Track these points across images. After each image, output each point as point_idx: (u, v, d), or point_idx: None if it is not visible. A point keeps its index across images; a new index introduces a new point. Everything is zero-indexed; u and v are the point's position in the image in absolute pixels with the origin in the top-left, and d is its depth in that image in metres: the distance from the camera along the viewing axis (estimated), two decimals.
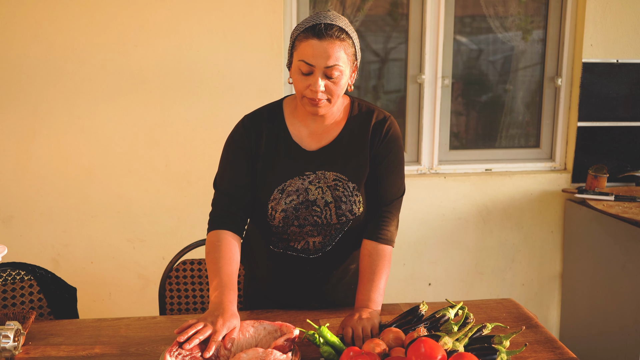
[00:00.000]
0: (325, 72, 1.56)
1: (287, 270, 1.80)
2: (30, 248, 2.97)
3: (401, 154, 1.76)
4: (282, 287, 1.83)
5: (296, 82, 1.60)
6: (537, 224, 3.30)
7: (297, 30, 1.59)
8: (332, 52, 1.54)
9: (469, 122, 3.40)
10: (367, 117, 1.73)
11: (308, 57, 1.55)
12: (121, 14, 2.84)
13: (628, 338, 2.81)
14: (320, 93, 1.58)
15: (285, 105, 1.75)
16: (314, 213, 1.70)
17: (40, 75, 2.84)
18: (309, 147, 1.71)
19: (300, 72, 1.58)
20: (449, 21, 3.15)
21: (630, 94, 3.20)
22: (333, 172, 1.70)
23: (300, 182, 1.69)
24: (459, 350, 1.41)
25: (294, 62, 1.59)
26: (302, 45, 1.56)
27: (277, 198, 1.69)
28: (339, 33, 1.55)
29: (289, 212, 1.69)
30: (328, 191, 1.70)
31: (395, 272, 3.22)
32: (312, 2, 3.09)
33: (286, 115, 1.73)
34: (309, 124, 1.71)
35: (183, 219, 3.03)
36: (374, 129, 1.72)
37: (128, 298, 3.08)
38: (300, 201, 1.69)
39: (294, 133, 1.72)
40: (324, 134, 1.72)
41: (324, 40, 1.54)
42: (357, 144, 1.72)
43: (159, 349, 1.57)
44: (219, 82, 2.94)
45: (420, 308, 1.61)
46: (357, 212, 1.72)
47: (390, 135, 1.73)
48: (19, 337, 1.50)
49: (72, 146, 2.92)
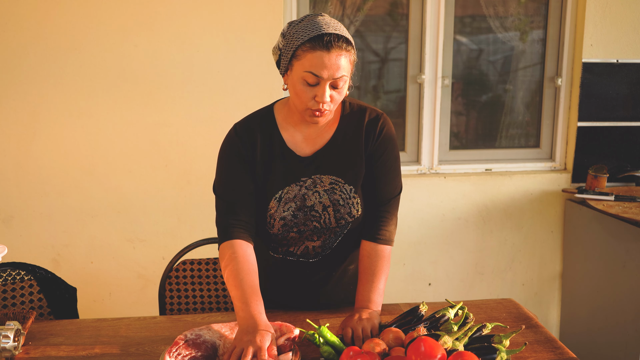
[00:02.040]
0: (331, 83, 1.54)
1: (287, 274, 1.80)
2: (30, 248, 2.97)
3: (396, 151, 1.74)
4: (282, 290, 1.83)
5: (300, 93, 1.56)
6: (537, 224, 3.30)
7: (299, 39, 1.53)
8: (340, 64, 1.53)
9: (469, 122, 3.40)
10: (359, 116, 1.71)
11: (316, 69, 1.51)
12: (121, 14, 2.84)
13: (628, 338, 2.81)
14: (327, 104, 1.56)
15: (276, 111, 1.71)
16: (312, 218, 1.69)
17: (40, 75, 2.84)
18: (303, 153, 1.69)
19: (306, 83, 1.54)
20: (449, 21, 3.15)
21: (630, 94, 3.20)
22: (329, 176, 1.69)
23: (297, 188, 1.68)
24: (459, 349, 1.41)
25: (297, 72, 1.55)
26: (309, 56, 1.52)
27: (274, 206, 1.67)
28: (346, 44, 1.54)
29: (288, 219, 1.68)
30: (325, 195, 1.68)
31: (395, 272, 3.22)
32: (312, 2, 3.09)
33: (279, 121, 1.69)
34: (303, 129, 1.69)
35: (183, 219, 3.03)
36: (367, 128, 1.69)
37: (128, 298, 3.08)
38: (297, 207, 1.68)
39: (288, 139, 1.69)
40: (317, 137, 1.69)
41: (332, 52, 1.51)
42: (351, 144, 1.69)
43: (159, 349, 1.57)
44: (219, 82, 2.94)
45: (420, 308, 1.61)
46: (355, 214, 1.70)
47: (385, 134, 1.70)
48: (19, 337, 1.50)
49: (72, 146, 2.92)
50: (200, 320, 1.74)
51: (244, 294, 1.52)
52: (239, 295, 1.53)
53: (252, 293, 1.53)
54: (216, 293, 2.16)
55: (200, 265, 2.14)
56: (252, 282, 1.56)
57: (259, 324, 1.45)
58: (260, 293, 1.56)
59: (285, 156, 1.68)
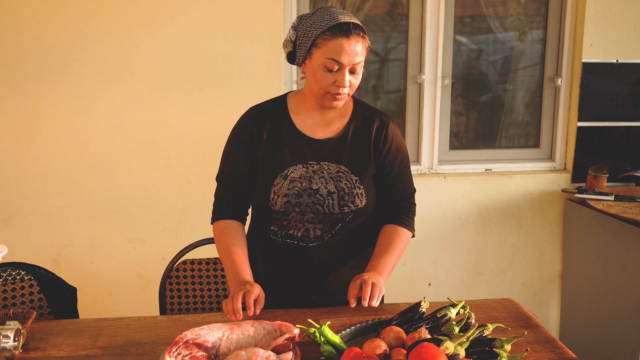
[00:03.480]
0: (350, 69, 1.66)
1: (286, 260, 1.82)
2: (30, 248, 2.97)
3: (406, 154, 1.87)
4: (281, 278, 1.85)
5: (320, 79, 1.67)
6: (537, 224, 3.30)
7: (318, 28, 1.65)
8: (359, 50, 1.65)
9: (468, 122, 3.40)
10: (370, 117, 1.83)
11: (338, 56, 1.63)
12: (121, 14, 2.84)
13: (628, 338, 2.81)
14: (346, 88, 1.67)
15: (289, 99, 1.83)
16: (316, 201, 1.74)
17: (40, 75, 2.84)
18: (313, 136, 1.78)
19: (326, 69, 1.66)
20: (449, 21, 3.15)
21: (630, 94, 3.20)
22: (337, 165, 1.76)
23: (304, 170, 1.75)
24: (461, 354, 1.41)
25: (317, 59, 1.66)
26: (330, 43, 1.63)
27: (279, 183, 1.75)
28: (362, 32, 1.67)
29: (291, 197, 1.74)
30: (331, 182, 1.75)
31: (396, 272, 3.22)
32: (312, 2, 3.09)
33: (290, 107, 1.81)
34: (314, 115, 1.79)
35: (183, 219, 3.03)
36: (377, 133, 1.81)
37: (128, 298, 3.08)
38: (303, 188, 1.74)
39: (298, 123, 1.79)
40: (328, 125, 1.80)
41: (351, 39, 1.64)
42: (360, 142, 1.80)
43: (159, 349, 1.57)
44: (219, 81, 2.94)
45: (422, 305, 1.60)
46: (359, 204, 1.76)
47: (395, 142, 1.83)
48: (19, 337, 1.50)
49: (72, 146, 2.92)
50: (200, 320, 1.74)
51: (234, 264, 1.72)
52: (230, 265, 1.73)
53: (241, 263, 1.73)
54: (216, 293, 2.16)
55: (201, 265, 2.14)
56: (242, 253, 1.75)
57: (247, 281, 1.66)
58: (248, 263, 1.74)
59: (294, 136, 1.78)
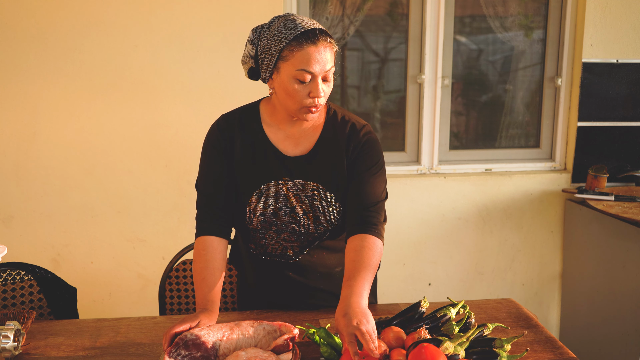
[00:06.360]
0: (322, 77, 1.55)
1: (270, 273, 1.80)
2: (30, 248, 2.97)
3: (380, 159, 1.70)
4: (270, 289, 1.83)
5: (293, 93, 1.55)
6: (537, 224, 3.30)
7: (282, 40, 1.52)
8: (329, 57, 1.54)
9: (468, 122, 3.40)
10: (343, 125, 1.69)
11: (308, 65, 1.52)
12: (121, 15, 2.84)
13: (628, 338, 2.81)
14: (322, 98, 1.56)
15: (262, 107, 1.72)
16: (292, 220, 1.69)
17: (40, 75, 2.84)
18: (286, 152, 1.68)
19: (298, 82, 1.54)
20: (449, 21, 3.15)
21: (630, 94, 3.20)
22: (311, 182, 1.68)
23: (279, 187, 1.68)
24: (461, 354, 1.41)
25: (286, 73, 1.54)
26: (298, 54, 1.51)
27: (254, 202, 1.68)
28: (328, 37, 1.55)
29: (267, 216, 1.68)
30: (306, 201, 1.68)
31: (395, 272, 3.22)
32: (312, 2, 3.09)
33: (263, 118, 1.70)
34: (287, 128, 1.68)
35: (183, 219, 3.03)
36: (349, 135, 1.68)
37: (128, 298, 3.08)
38: (279, 207, 1.68)
39: (271, 136, 1.69)
40: (301, 138, 1.69)
41: (319, 46, 1.52)
42: (333, 153, 1.68)
43: (159, 349, 1.57)
44: (219, 82, 2.94)
45: (422, 305, 1.60)
46: (335, 222, 1.70)
47: (367, 141, 1.68)
48: (19, 337, 1.50)
49: (72, 146, 2.92)
50: None
51: (200, 292, 1.61)
52: (197, 292, 1.62)
53: (207, 292, 1.61)
54: None
55: None
56: (210, 281, 1.62)
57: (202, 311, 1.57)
58: (217, 297, 1.62)
59: (268, 152, 1.68)
